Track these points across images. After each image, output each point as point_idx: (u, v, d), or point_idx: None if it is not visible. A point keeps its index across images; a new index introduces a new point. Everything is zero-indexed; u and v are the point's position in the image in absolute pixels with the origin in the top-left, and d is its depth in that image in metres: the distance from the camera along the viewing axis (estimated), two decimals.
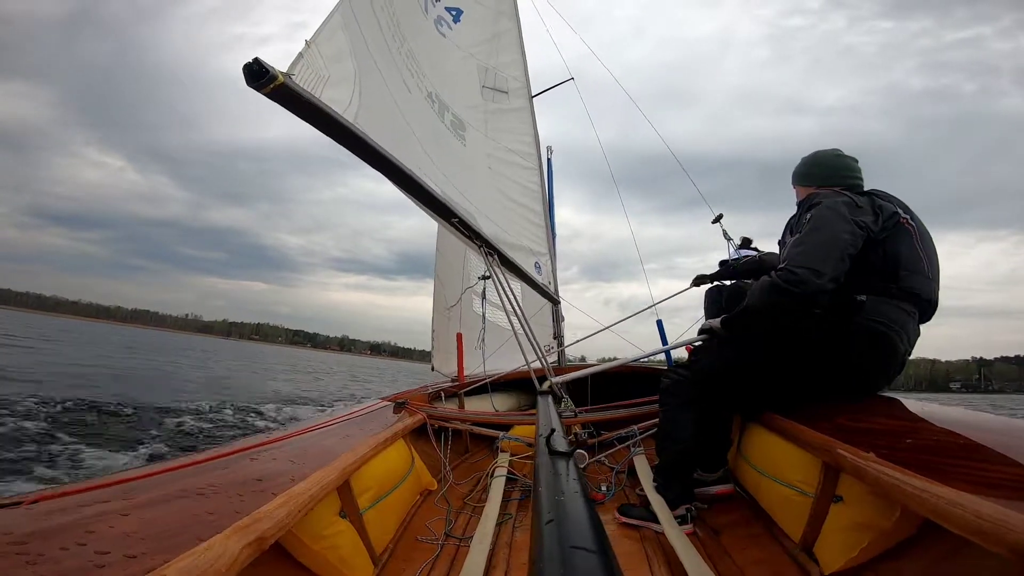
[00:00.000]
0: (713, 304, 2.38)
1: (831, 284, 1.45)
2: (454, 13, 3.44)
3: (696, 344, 1.97)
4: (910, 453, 1.07)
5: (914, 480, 0.92)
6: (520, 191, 4.02)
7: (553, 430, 0.96)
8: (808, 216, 1.60)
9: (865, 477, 1.07)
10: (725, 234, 4.01)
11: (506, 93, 4.33)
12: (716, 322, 1.78)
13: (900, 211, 1.61)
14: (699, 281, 2.70)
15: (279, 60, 1.31)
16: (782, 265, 1.53)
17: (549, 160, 6.20)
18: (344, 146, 1.60)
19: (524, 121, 4.51)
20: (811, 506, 1.33)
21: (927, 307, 1.58)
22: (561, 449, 0.87)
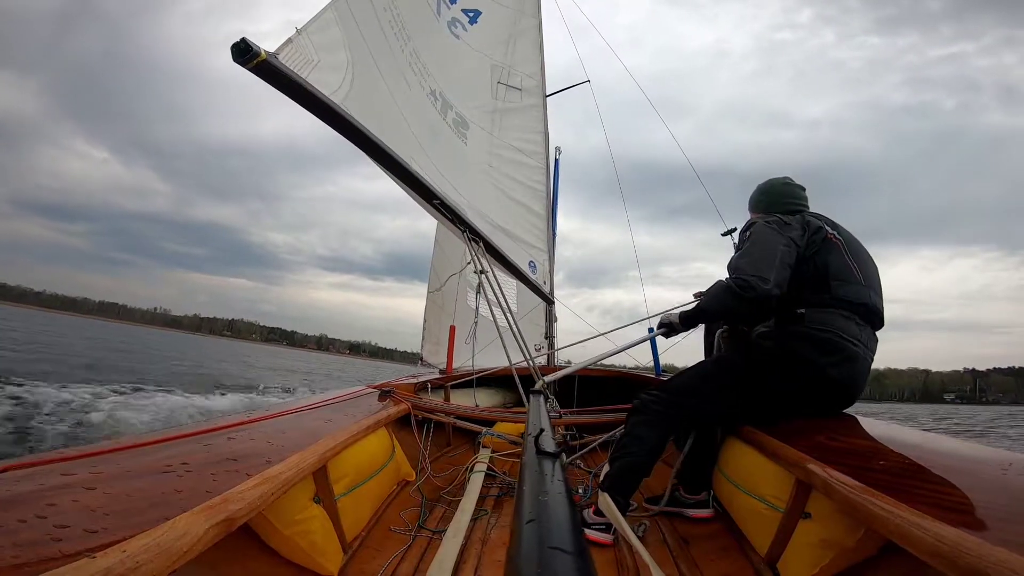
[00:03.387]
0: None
1: (776, 289, 1.59)
2: (471, 15, 3.47)
3: (656, 336, 2.13)
4: (880, 474, 1.08)
5: (880, 500, 0.93)
6: (522, 190, 4.02)
7: (542, 430, 0.97)
8: (747, 234, 1.80)
9: (833, 495, 1.07)
10: (736, 247, 3.91)
11: (520, 91, 4.33)
12: (675, 316, 1.97)
13: (827, 227, 1.76)
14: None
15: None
16: (732, 275, 1.67)
17: (557, 160, 6.18)
18: (329, 124, 1.70)
19: (535, 119, 4.51)
20: (780, 521, 1.34)
21: (867, 312, 1.66)
22: (549, 449, 0.87)
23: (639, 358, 3.60)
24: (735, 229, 4.01)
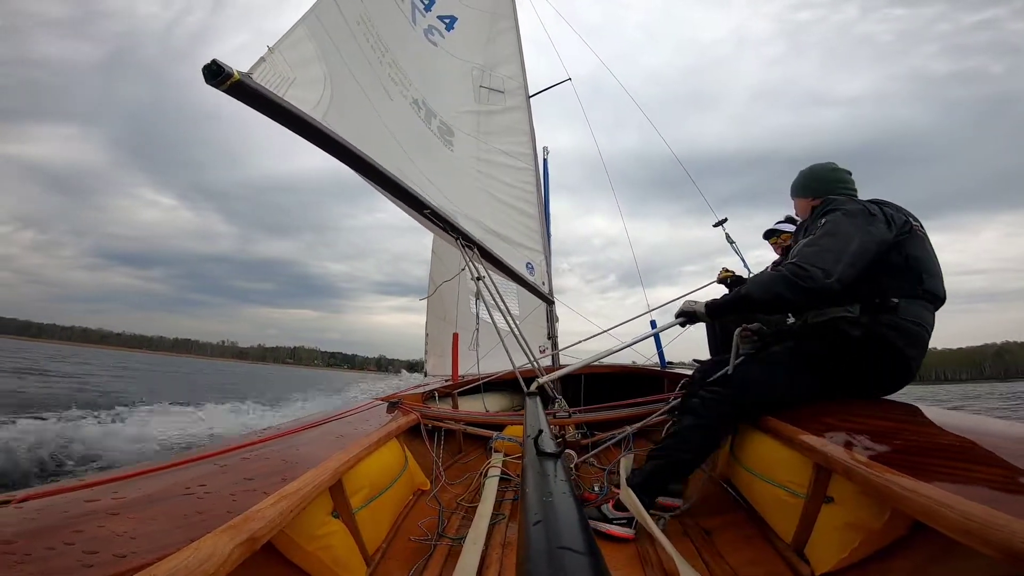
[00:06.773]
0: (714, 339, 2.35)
1: (838, 286, 1.50)
2: (447, 21, 3.49)
3: (675, 323, 1.98)
4: (900, 454, 1.08)
5: (903, 480, 0.93)
6: (512, 193, 4.03)
7: (540, 431, 0.97)
8: (823, 221, 1.66)
9: (855, 478, 1.07)
10: (728, 238, 3.91)
11: (502, 93, 4.34)
12: (700, 306, 1.84)
13: (911, 219, 1.69)
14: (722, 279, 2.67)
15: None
16: (792, 260, 1.57)
17: (545, 161, 6.22)
18: (311, 141, 1.69)
19: (520, 121, 4.52)
20: (802, 507, 1.34)
21: (940, 305, 1.66)
22: (548, 450, 0.87)
23: (645, 353, 3.61)
24: (726, 220, 4.03)
